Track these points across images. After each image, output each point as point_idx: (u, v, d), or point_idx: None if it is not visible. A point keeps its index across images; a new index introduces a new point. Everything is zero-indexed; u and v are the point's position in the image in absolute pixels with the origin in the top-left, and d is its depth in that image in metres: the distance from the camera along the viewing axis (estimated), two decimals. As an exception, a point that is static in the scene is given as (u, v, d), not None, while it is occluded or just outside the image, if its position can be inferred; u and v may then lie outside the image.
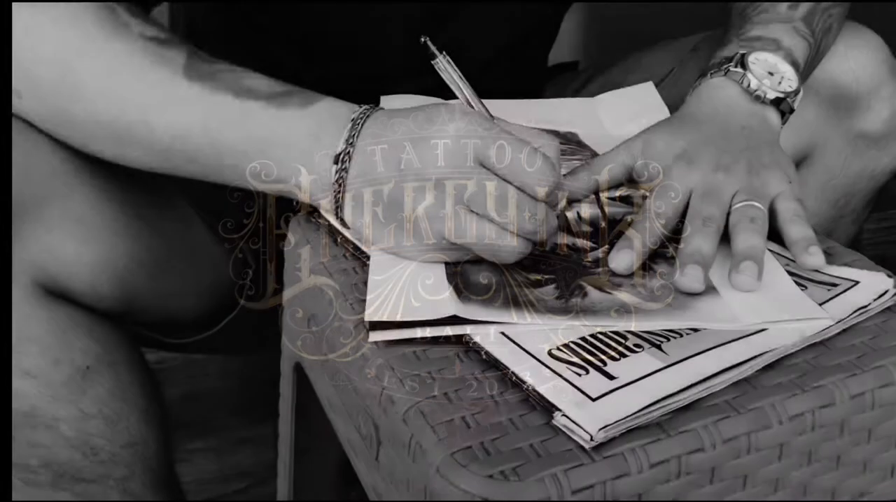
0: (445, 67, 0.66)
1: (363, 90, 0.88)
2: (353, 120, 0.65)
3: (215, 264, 0.89)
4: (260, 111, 0.66)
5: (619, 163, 0.75)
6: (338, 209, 0.65)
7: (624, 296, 0.61)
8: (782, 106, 0.77)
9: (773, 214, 0.69)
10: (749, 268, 0.62)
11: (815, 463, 0.55)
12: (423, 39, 0.65)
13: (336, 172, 0.64)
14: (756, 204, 0.68)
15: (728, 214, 0.68)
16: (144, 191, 0.80)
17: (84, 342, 0.76)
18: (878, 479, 0.58)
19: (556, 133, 0.85)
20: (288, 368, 0.74)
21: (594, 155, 0.79)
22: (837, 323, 0.58)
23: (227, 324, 0.90)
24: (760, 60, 0.78)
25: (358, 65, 0.93)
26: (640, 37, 1.14)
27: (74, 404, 0.76)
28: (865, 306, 0.60)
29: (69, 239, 0.72)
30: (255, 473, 1.16)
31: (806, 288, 0.62)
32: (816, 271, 0.65)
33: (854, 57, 0.90)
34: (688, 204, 0.69)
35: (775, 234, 0.68)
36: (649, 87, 0.94)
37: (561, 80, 1.13)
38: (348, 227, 0.67)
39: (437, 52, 0.66)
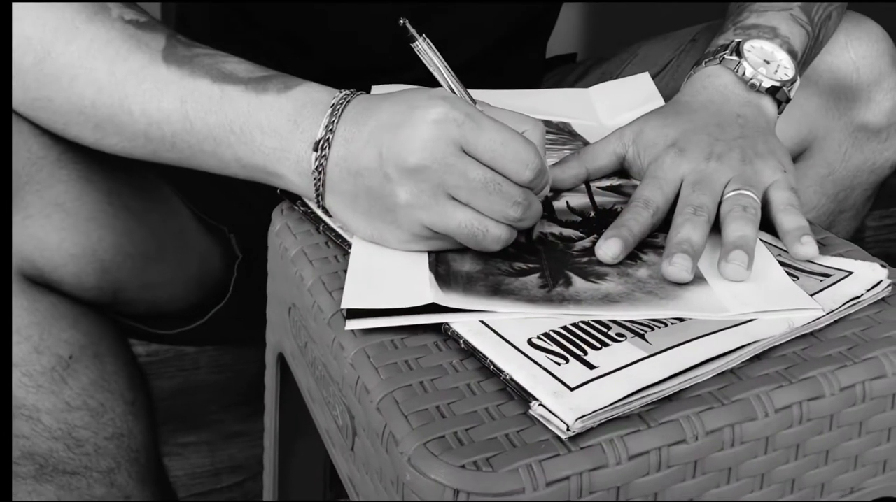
0: (425, 50, 0.64)
1: (358, 84, 0.87)
2: (332, 105, 0.63)
3: (203, 255, 0.88)
4: (238, 96, 0.64)
5: (609, 152, 0.74)
6: (318, 197, 0.64)
7: (609, 285, 0.59)
8: (778, 95, 0.76)
9: (766, 204, 0.68)
10: (739, 258, 0.61)
11: (803, 458, 0.53)
12: (401, 21, 0.64)
13: (316, 159, 0.62)
14: (748, 193, 0.66)
15: (720, 203, 0.67)
16: (131, 180, 0.79)
17: (68, 332, 0.75)
18: (869, 474, 0.56)
19: (548, 123, 0.84)
20: (271, 359, 0.73)
21: (586, 145, 0.77)
22: (828, 313, 0.57)
23: (215, 315, 0.88)
24: (756, 48, 0.77)
25: (352, 58, 0.92)
26: (641, 29, 1.12)
27: (57, 394, 0.75)
28: (858, 297, 0.58)
29: (51, 227, 0.71)
30: (247, 467, 1.15)
31: (798, 278, 0.60)
32: (809, 261, 0.63)
33: (855, 48, 0.88)
34: (679, 193, 0.68)
35: (769, 224, 0.67)
36: (645, 77, 0.92)
37: (558, 73, 1.11)
38: (330, 215, 0.66)
39: (416, 35, 0.64)
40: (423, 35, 0.64)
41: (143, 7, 0.71)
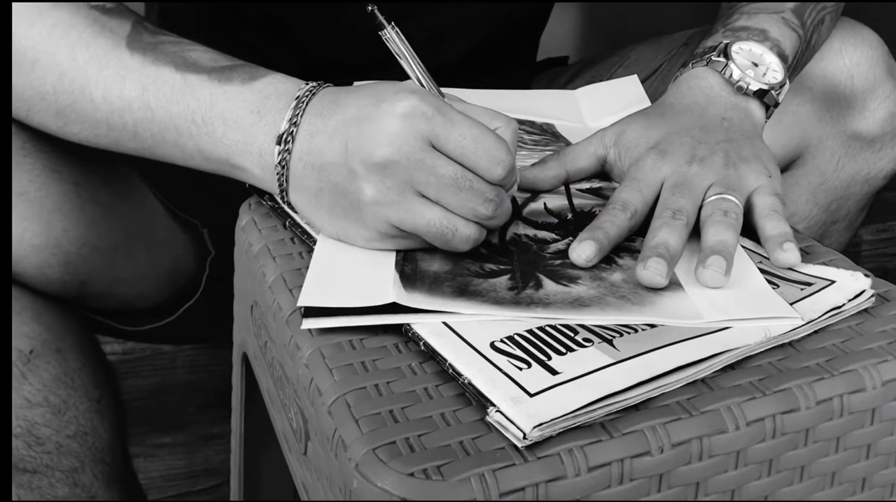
0: (393, 38, 0.62)
1: (341, 79, 0.85)
2: (297, 97, 0.61)
3: (175, 250, 0.86)
4: (201, 85, 0.63)
5: (590, 153, 0.71)
6: (282, 192, 0.62)
7: (581, 289, 0.57)
8: (766, 98, 0.73)
9: (749, 209, 0.65)
10: (716, 263, 0.58)
11: (777, 474, 0.51)
12: (370, 8, 0.61)
13: (279, 153, 0.60)
14: (730, 197, 0.64)
15: (701, 208, 0.64)
16: (100, 171, 0.77)
17: (29, 326, 0.73)
18: (847, 492, 0.54)
19: (531, 124, 0.82)
20: (237, 358, 0.71)
21: (569, 146, 0.75)
22: (808, 323, 0.54)
23: (186, 312, 0.86)
24: (745, 50, 0.75)
25: (349, 54, 0.90)
26: (634, 32, 1.10)
27: (16, 390, 0.73)
28: (840, 307, 0.56)
29: (13, 217, 0.69)
30: (224, 471, 1.12)
31: (778, 286, 0.58)
32: (790, 269, 0.61)
33: (849, 54, 0.86)
34: (659, 196, 0.66)
35: (752, 231, 0.65)
36: (633, 80, 0.90)
37: (548, 75, 1.09)
38: (296, 211, 0.64)
39: (384, 23, 0.62)
40: (392, 23, 0.62)
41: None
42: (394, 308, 0.54)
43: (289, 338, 0.54)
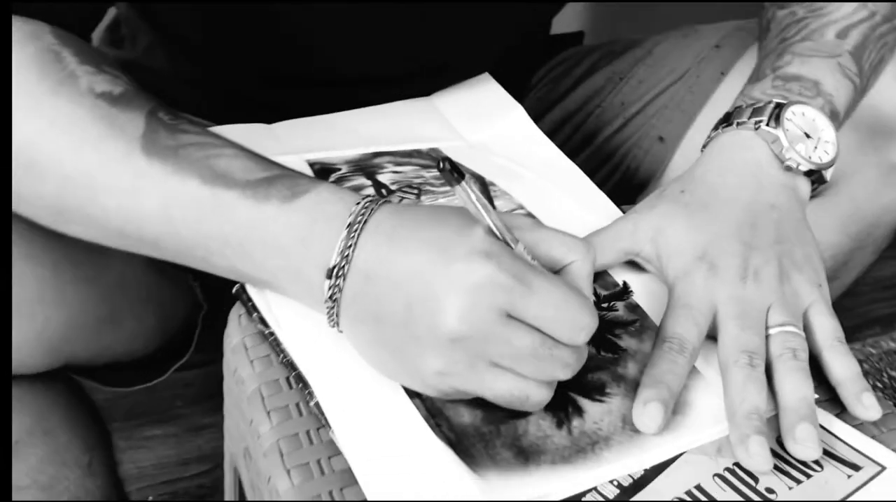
0: (467, 192, 0.52)
1: (316, 97, 0.76)
2: (349, 225, 0.52)
3: (164, 306, 0.79)
4: (234, 203, 0.54)
5: (618, 249, 0.64)
6: (333, 324, 0.55)
7: (617, 401, 0.55)
8: (814, 177, 0.66)
9: (805, 327, 0.59)
10: (809, 436, 0.53)
11: None
12: (441, 164, 0.51)
13: (329, 288, 0.53)
14: (795, 330, 0.58)
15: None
16: (82, 245, 0.69)
17: (12, 417, 0.68)
18: None
19: (418, 153, 0.74)
20: (229, 469, 0.66)
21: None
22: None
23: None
24: (797, 115, 0.66)
25: (314, 68, 0.79)
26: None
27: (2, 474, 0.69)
28: None
29: None
30: (214, 457, 1.10)
31: (821, 469, 0.53)
32: (837, 438, 0.55)
33: None
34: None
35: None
36: (486, 78, 0.83)
37: (563, 64, 1.00)
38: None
39: (460, 179, 0.51)
40: (466, 178, 0.52)
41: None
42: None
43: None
